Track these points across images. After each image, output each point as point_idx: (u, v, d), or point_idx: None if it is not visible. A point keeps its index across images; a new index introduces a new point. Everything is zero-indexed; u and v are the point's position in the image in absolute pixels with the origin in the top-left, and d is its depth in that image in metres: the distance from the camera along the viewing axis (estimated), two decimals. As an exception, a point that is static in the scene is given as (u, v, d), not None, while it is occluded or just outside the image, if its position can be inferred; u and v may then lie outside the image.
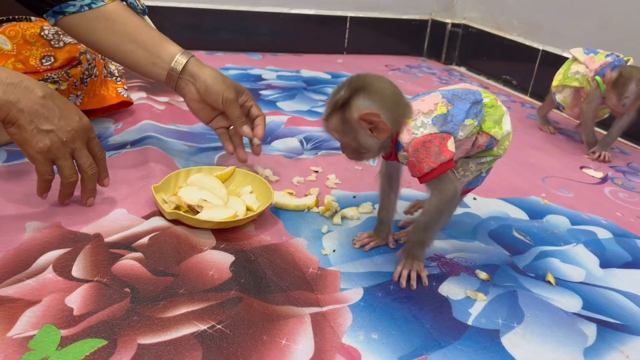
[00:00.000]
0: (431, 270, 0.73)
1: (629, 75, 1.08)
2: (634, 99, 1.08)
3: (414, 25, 2.11)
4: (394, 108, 0.63)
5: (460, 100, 0.66)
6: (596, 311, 0.68)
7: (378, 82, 0.64)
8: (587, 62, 1.22)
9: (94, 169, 0.76)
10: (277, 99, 1.39)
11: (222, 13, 1.84)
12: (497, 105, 0.70)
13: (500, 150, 0.71)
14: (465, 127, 0.66)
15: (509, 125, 0.71)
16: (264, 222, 0.80)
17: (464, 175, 0.72)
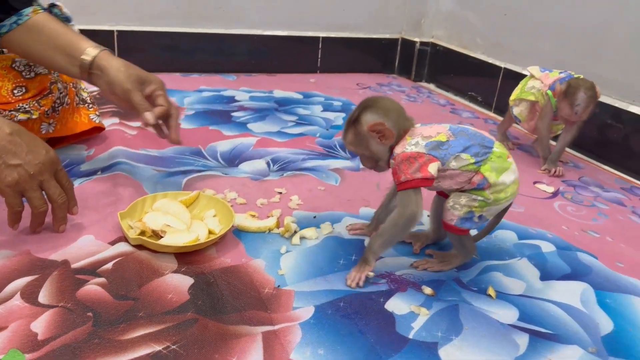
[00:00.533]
0: (380, 287, 0.78)
1: (577, 85, 1.16)
2: (584, 106, 1.15)
3: (384, 44, 2.18)
4: (396, 119, 0.76)
5: (466, 137, 0.76)
6: (531, 322, 0.74)
7: (382, 101, 0.78)
8: (542, 78, 1.29)
9: (63, 197, 0.80)
10: (248, 121, 1.44)
11: (198, 36, 1.89)
12: (506, 160, 0.77)
13: (492, 196, 0.76)
14: (460, 160, 0.75)
15: (509, 179, 0.77)
16: (226, 244, 0.85)
17: (453, 206, 0.78)
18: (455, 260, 0.84)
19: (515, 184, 0.78)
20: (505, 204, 0.79)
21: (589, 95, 1.15)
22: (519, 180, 0.79)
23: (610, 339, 0.72)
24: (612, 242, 0.99)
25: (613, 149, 1.39)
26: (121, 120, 1.32)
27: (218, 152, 1.21)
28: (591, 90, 1.15)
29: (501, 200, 0.77)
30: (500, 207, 0.79)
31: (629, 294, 0.83)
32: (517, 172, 0.79)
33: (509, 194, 0.78)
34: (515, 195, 0.79)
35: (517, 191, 0.80)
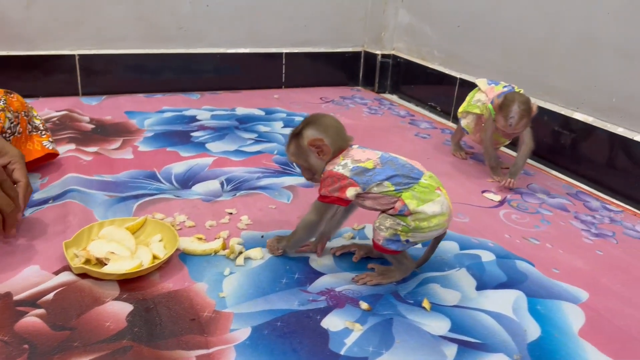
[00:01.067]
0: (319, 305, 0.80)
1: (512, 98, 1.20)
2: (517, 118, 1.18)
3: (348, 58, 2.22)
4: (334, 137, 0.84)
5: (392, 167, 0.81)
6: (461, 332, 0.77)
7: (324, 118, 0.86)
8: (487, 91, 1.33)
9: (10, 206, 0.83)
10: (206, 140, 1.47)
11: (161, 56, 1.91)
12: (434, 192, 0.81)
13: (413, 223, 0.80)
14: (382, 187, 0.80)
15: (431, 210, 0.80)
16: (170, 269, 0.87)
17: (379, 227, 0.82)
18: (394, 275, 0.87)
19: (442, 216, 0.81)
20: (431, 233, 0.82)
21: (522, 108, 1.18)
22: (448, 214, 0.82)
23: (535, 345, 0.75)
24: (551, 249, 1.02)
25: (561, 155, 1.43)
26: (77, 147, 1.34)
27: (172, 174, 1.23)
28: (525, 104, 1.19)
29: (424, 229, 0.80)
30: (426, 235, 0.82)
31: (561, 299, 0.86)
32: (446, 206, 0.81)
33: (432, 224, 0.80)
34: (442, 227, 0.82)
35: (445, 223, 0.82)
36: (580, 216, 1.18)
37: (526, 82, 1.53)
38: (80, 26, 1.78)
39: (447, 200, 0.82)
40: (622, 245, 1.06)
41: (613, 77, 1.30)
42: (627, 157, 1.27)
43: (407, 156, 0.86)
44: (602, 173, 1.33)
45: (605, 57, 1.31)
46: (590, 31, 1.34)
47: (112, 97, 1.83)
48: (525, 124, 1.21)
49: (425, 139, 1.63)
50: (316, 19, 2.11)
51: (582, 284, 0.91)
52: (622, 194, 1.28)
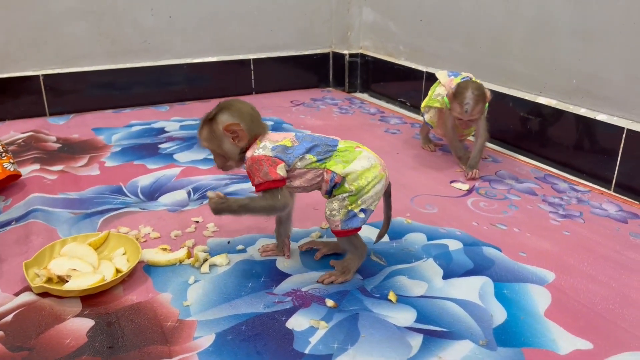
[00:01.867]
0: (285, 306, 0.80)
1: (465, 85, 1.21)
2: (473, 104, 1.18)
3: (316, 59, 2.22)
4: (250, 123, 0.82)
5: (309, 140, 0.83)
6: (427, 322, 0.76)
7: (240, 104, 0.84)
8: (447, 84, 1.33)
9: None
10: (174, 151, 1.46)
11: (127, 71, 1.90)
12: (353, 150, 0.82)
13: (352, 186, 0.80)
14: (305, 160, 0.81)
15: (360, 165, 0.81)
16: (134, 281, 0.86)
17: (331, 214, 0.82)
18: (352, 264, 0.86)
19: (374, 168, 0.81)
20: (375, 189, 0.81)
21: (477, 94, 1.19)
22: (379, 164, 0.83)
23: (501, 329, 0.75)
24: (518, 233, 1.03)
25: (528, 140, 1.44)
26: (42, 166, 1.32)
27: (139, 187, 1.22)
28: (479, 89, 1.20)
29: (365, 187, 0.81)
30: (372, 193, 0.81)
31: (527, 282, 0.87)
32: (373, 158, 0.82)
33: (370, 178, 0.81)
34: (380, 177, 0.82)
35: (381, 173, 0.82)
36: (548, 199, 1.18)
37: (489, 70, 1.54)
38: (43, 46, 1.77)
39: (372, 154, 0.83)
40: (589, 225, 1.07)
41: (572, 59, 1.31)
42: (591, 137, 1.29)
43: (376, 152, 0.87)
44: (569, 154, 1.34)
45: (563, 40, 1.32)
46: (546, 15, 1.35)
47: (80, 115, 1.81)
48: (481, 109, 1.21)
49: (395, 134, 1.63)
50: (282, 23, 2.11)
51: (548, 265, 0.92)
52: (588, 173, 1.29)
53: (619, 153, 1.22)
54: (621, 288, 0.86)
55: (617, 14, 1.19)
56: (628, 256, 0.95)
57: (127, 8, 1.83)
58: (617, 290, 0.85)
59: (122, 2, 1.82)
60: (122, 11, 1.83)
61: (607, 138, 1.24)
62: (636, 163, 1.19)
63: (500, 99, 1.49)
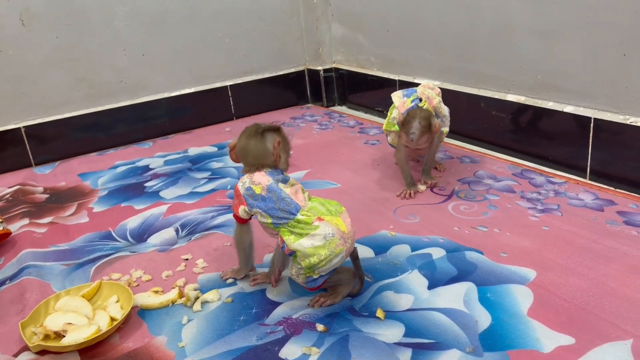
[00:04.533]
0: (277, 335, 0.82)
1: (414, 115, 1.18)
2: (419, 134, 1.16)
3: (292, 78, 2.25)
4: (242, 157, 0.91)
5: (273, 200, 0.84)
6: (415, 335, 0.79)
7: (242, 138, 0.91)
8: (399, 107, 1.28)
9: None
10: (160, 188, 1.48)
11: (107, 112, 1.92)
12: (310, 224, 0.81)
13: (303, 263, 0.82)
14: (262, 217, 0.85)
15: (310, 243, 0.80)
16: (129, 327, 0.88)
17: (293, 275, 0.86)
18: (342, 290, 0.89)
19: (329, 244, 0.80)
20: (331, 263, 0.81)
21: (423, 125, 1.16)
22: (338, 237, 0.81)
23: (487, 334, 0.78)
24: (499, 233, 1.06)
25: (502, 137, 1.47)
26: (31, 220, 1.34)
27: (127, 230, 1.24)
28: (425, 120, 1.17)
29: (318, 263, 0.81)
30: (328, 267, 0.82)
31: (509, 283, 0.89)
32: (329, 233, 0.80)
33: (323, 256, 0.80)
34: (337, 252, 0.81)
35: (337, 249, 0.80)
36: (526, 195, 1.21)
37: (458, 74, 1.58)
38: (22, 97, 1.79)
39: (332, 226, 0.81)
40: (567, 217, 1.10)
41: (534, 56, 1.34)
42: (562, 129, 1.32)
43: (356, 165, 0.90)
44: (543, 147, 1.37)
45: (524, 39, 1.36)
46: (506, 17, 1.39)
47: (65, 161, 1.84)
48: (427, 139, 1.20)
49: (375, 145, 1.66)
50: (254, 47, 2.14)
51: (529, 263, 0.95)
52: (564, 164, 1.32)
53: (589, 141, 1.25)
54: (600, 278, 0.88)
55: (572, 11, 1.22)
56: (605, 245, 0.98)
57: (101, 51, 1.86)
58: (595, 281, 0.88)
59: (95, 46, 1.85)
60: (95, 55, 1.86)
61: (577, 128, 1.27)
62: (606, 150, 1.22)
63: (472, 100, 1.53)
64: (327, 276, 0.84)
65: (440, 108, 1.29)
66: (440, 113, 1.29)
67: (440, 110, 1.29)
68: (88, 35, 1.83)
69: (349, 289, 0.89)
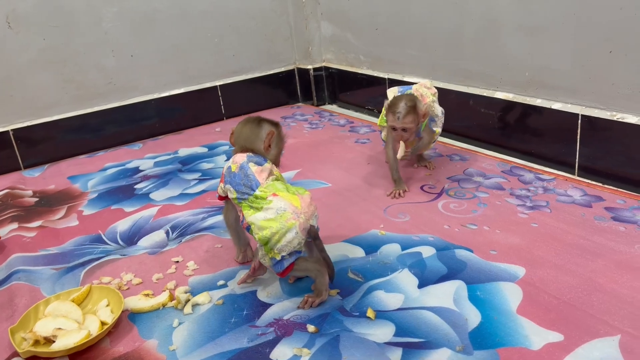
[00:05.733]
0: (267, 337, 0.82)
1: (400, 97, 1.23)
2: (404, 112, 1.19)
3: (282, 77, 2.25)
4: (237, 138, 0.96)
5: (240, 176, 0.88)
6: (405, 335, 0.79)
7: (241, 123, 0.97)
8: None
9: None
10: (150, 190, 1.47)
11: (97, 114, 1.91)
12: (265, 199, 0.84)
13: (256, 236, 0.84)
14: (231, 192, 0.90)
15: (262, 216, 0.83)
16: (120, 331, 0.88)
17: (261, 259, 0.87)
18: (319, 284, 0.88)
19: (280, 217, 0.82)
20: (285, 238, 0.82)
21: (409, 105, 1.19)
22: (290, 212, 0.82)
23: (477, 332, 0.78)
24: (488, 231, 1.06)
25: (491, 134, 1.48)
26: (20, 224, 1.33)
27: (118, 232, 1.23)
28: (411, 101, 1.20)
29: (271, 237, 0.82)
30: (285, 242, 0.82)
31: (499, 280, 0.90)
32: (281, 207, 0.82)
33: (275, 229, 0.81)
34: (289, 226, 0.81)
35: (289, 222, 0.81)
36: (515, 192, 1.22)
37: (447, 71, 1.58)
38: (9, 101, 1.77)
39: (285, 202, 0.83)
40: (556, 213, 1.10)
41: (522, 53, 1.35)
42: (550, 125, 1.33)
43: (347, 164, 0.91)
44: (532, 144, 1.38)
45: (511, 36, 1.36)
46: (493, 14, 1.39)
47: (54, 164, 1.83)
48: (412, 120, 1.20)
49: (365, 143, 1.66)
50: (243, 47, 2.14)
51: (519, 260, 0.95)
52: (553, 160, 1.33)
53: (577, 138, 1.26)
54: (588, 274, 0.89)
55: (558, 8, 1.23)
56: (593, 241, 0.99)
57: (88, 52, 1.85)
58: (584, 277, 0.88)
59: (82, 48, 1.83)
60: (83, 56, 1.84)
61: (565, 125, 1.28)
62: (594, 146, 1.23)
63: (460, 98, 1.53)
64: (292, 259, 0.84)
65: (433, 107, 1.29)
66: (433, 112, 1.29)
67: (432, 109, 1.28)
68: (75, 36, 1.82)
69: (325, 280, 0.88)
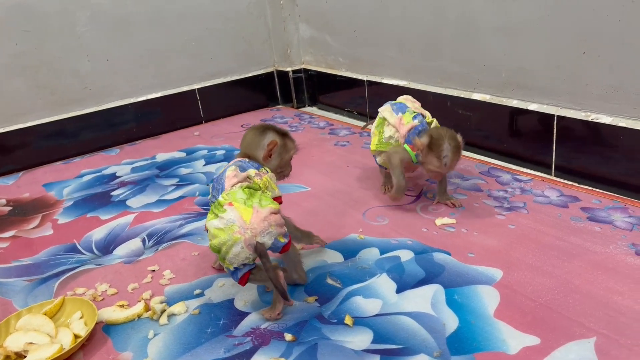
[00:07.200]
0: (244, 347, 0.81)
1: (440, 136, 1.08)
2: (451, 156, 1.08)
3: (261, 79, 2.23)
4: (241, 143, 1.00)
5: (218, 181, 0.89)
6: (383, 341, 0.79)
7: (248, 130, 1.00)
8: (397, 125, 1.18)
9: None
10: (127, 197, 1.45)
11: (72, 120, 1.88)
12: (221, 208, 0.83)
13: (210, 244, 0.84)
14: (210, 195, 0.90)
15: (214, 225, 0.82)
16: (94, 344, 0.86)
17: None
18: (275, 296, 0.87)
19: (228, 229, 0.80)
20: (232, 251, 0.80)
21: (454, 145, 1.08)
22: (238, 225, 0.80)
23: (454, 337, 0.78)
24: (466, 233, 1.06)
25: (469, 135, 1.48)
26: (-8, 235, 1.30)
27: (93, 241, 1.21)
28: (454, 139, 1.09)
29: (221, 247, 0.81)
30: (232, 255, 0.80)
31: (476, 284, 0.90)
32: (231, 219, 0.80)
33: (223, 240, 0.80)
34: (234, 240, 0.80)
35: (235, 236, 0.80)
36: (493, 193, 1.22)
37: (425, 73, 1.59)
38: (-20, 108, 1.74)
39: (236, 214, 0.81)
40: (533, 215, 1.11)
41: (498, 54, 1.36)
42: (527, 126, 1.33)
43: (327, 167, 0.90)
44: (509, 145, 1.39)
45: (487, 38, 1.37)
46: (469, 16, 1.40)
47: (29, 171, 1.79)
48: (458, 159, 1.11)
49: (345, 146, 1.66)
50: (221, 50, 2.12)
51: (496, 262, 0.95)
52: (530, 160, 1.34)
53: (553, 138, 1.27)
54: (564, 276, 0.90)
55: (533, 10, 1.24)
56: (570, 242, 1.00)
57: (62, 57, 1.81)
58: (560, 279, 0.89)
59: (56, 52, 1.80)
60: (57, 61, 1.81)
61: (541, 125, 1.29)
62: (570, 146, 1.24)
63: (438, 99, 1.54)
64: (245, 269, 0.83)
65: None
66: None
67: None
68: (49, 41, 1.78)
69: (278, 295, 0.86)
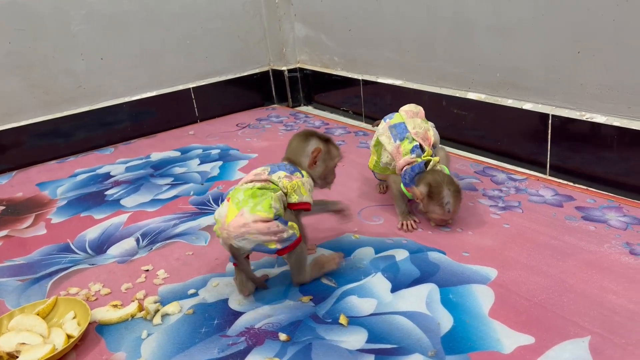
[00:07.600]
0: (239, 347, 0.81)
1: (438, 183, 1.05)
2: (453, 201, 1.05)
3: (256, 79, 2.23)
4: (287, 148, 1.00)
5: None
6: (377, 341, 0.78)
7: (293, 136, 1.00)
8: (394, 154, 1.13)
9: None
10: (121, 196, 1.44)
11: (66, 119, 1.87)
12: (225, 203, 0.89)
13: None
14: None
15: (215, 215, 0.90)
16: (87, 344, 0.85)
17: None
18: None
19: (217, 222, 0.89)
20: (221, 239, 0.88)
21: (454, 189, 1.05)
22: (221, 221, 0.87)
23: (449, 336, 0.78)
24: (461, 233, 1.06)
25: (464, 135, 1.48)
26: (-15, 235, 1.29)
27: (87, 241, 1.20)
28: (453, 184, 1.06)
29: (219, 234, 0.88)
30: (221, 242, 0.88)
31: (471, 283, 0.90)
32: (219, 214, 0.88)
33: (215, 229, 0.89)
34: (217, 234, 0.88)
35: (218, 232, 0.88)
36: (488, 192, 1.22)
37: (420, 72, 1.58)
38: (-26, 107, 1.73)
39: (223, 211, 0.87)
40: (527, 214, 1.11)
41: (493, 54, 1.36)
42: (522, 126, 1.33)
43: None
44: (504, 144, 1.39)
45: (482, 37, 1.37)
46: (464, 15, 1.40)
47: (23, 170, 1.78)
48: (460, 202, 1.08)
49: (340, 145, 1.65)
50: (216, 49, 2.11)
51: (491, 262, 0.95)
52: (525, 160, 1.34)
53: (548, 137, 1.27)
54: (559, 275, 0.90)
55: (527, 9, 1.24)
56: (565, 241, 1.00)
57: (56, 56, 1.80)
58: (555, 278, 0.89)
59: (50, 52, 1.79)
60: (51, 60, 1.80)
61: (536, 125, 1.29)
62: (564, 145, 1.24)
63: (433, 99, 1.54)
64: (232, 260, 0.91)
65: (436, 138, 1.15)
66: (436, 144, 1.16)
67: (436, 141, 1.15)
68: (43, 40, 1.77)
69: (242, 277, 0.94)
